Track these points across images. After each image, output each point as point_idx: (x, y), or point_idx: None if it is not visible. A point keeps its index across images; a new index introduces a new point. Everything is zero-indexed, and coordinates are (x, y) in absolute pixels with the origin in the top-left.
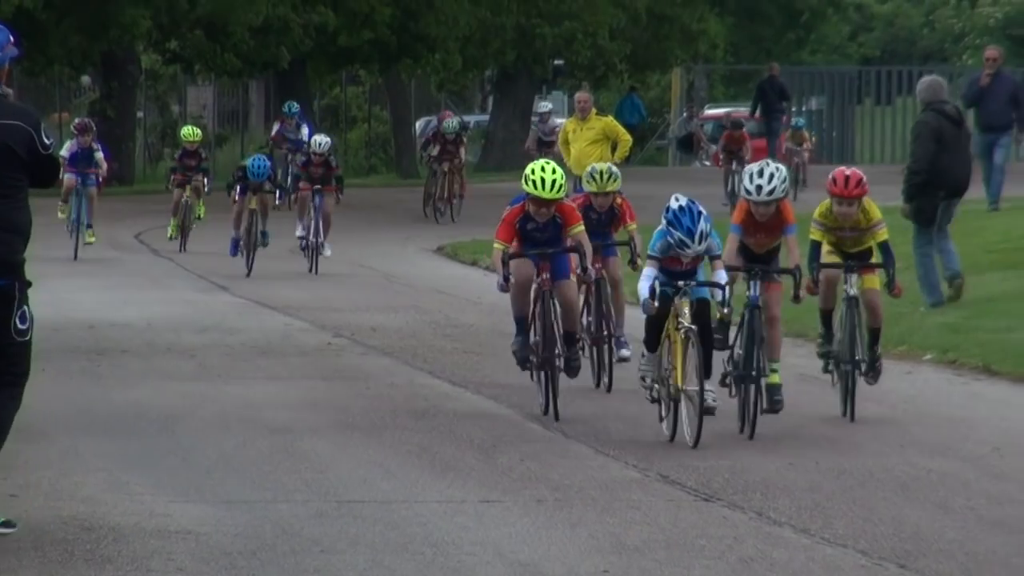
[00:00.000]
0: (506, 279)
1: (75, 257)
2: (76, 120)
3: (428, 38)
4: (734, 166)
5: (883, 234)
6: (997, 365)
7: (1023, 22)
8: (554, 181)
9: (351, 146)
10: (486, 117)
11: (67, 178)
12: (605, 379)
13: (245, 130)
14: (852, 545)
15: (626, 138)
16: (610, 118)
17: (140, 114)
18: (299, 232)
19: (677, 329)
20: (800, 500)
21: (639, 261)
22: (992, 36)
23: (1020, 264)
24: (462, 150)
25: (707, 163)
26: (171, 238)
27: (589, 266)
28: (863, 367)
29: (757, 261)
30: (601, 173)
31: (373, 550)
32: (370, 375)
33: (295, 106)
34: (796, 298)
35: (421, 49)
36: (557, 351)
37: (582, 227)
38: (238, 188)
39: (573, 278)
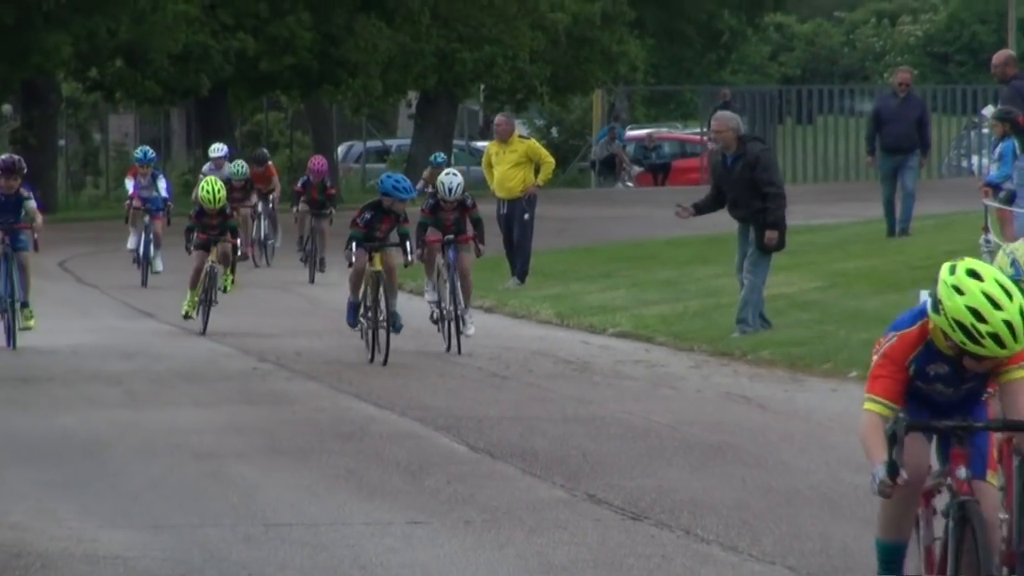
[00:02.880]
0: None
1: (11, 345)
2: None
3: (349, 63)
4: None
5: None
6: None
7: (943, 40)
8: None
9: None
10: (407, 141)
11: None
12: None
13: (167, 158)
14: (780, 562)
15: (548, 160)
16: (532, 141)
17: (61, 142)
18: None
19: None
20: (728, 518)
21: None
22: (913, 54)
23: None
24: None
25: (630, 184)
26: (187, 316)
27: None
28: None
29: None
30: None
31: (301, 573)
32: (296, 399)
33: (149, 152)
34: None
35: (342, 74)
36: None
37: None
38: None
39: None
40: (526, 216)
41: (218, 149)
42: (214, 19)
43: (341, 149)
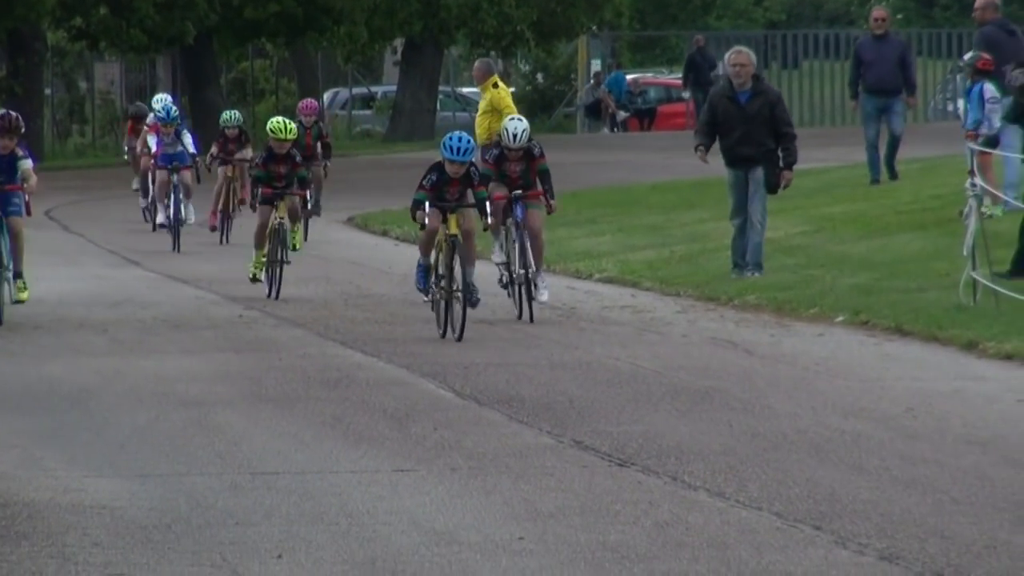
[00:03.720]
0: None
1: None
2: None
3: (334, 10)
4: None
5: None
6: (909, 325)
7: None
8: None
9: (259, 118)
10: (393, 87)
11: None
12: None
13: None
14: (767, 508)
15: (509, 111)
16: (500, 90)
17: (47, 91)
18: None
19: None
20: (714, 464)
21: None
22: None
23: (929, 225)
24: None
25: (616, 130)
26: (255, 278)
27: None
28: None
29: None
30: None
31: (288, 521)
32: (282, 347)
33: (173, 110)
34: None
35: (327, 21)
36: None
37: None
38: None
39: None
40: None
41: (160, 100)
42: None
43: (327, 96)
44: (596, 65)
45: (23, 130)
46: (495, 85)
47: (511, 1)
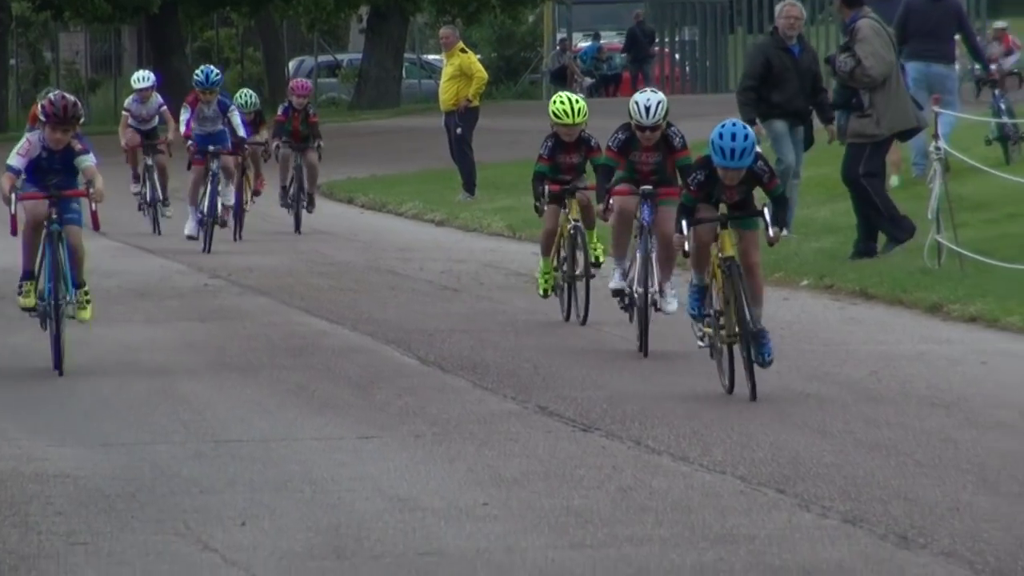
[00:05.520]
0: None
1: (57, 368)
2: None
3: None
4: None
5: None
6: (873, 289)
7: None
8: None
9: (225, 87)
10: (359, 55)
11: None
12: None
13: (119, 75)
14: (731, 471)
15: (480, 75)
16: (468, 55)
17: (12, 61)
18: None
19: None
20: (678, 428)
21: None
22: None
23: (894, 188)
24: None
25: (582, 96)
26: (545, 295)
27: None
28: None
29: None
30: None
31: (251, 489)
32: (247, 315)
33: (213, 72)
34: None
35: None
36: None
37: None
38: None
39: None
40: (458, 130)
41: (143, 79)
42: None
43: (292, 64)
44: (563, 32)
45: (82, 119)
46: (463, 50)
47: None
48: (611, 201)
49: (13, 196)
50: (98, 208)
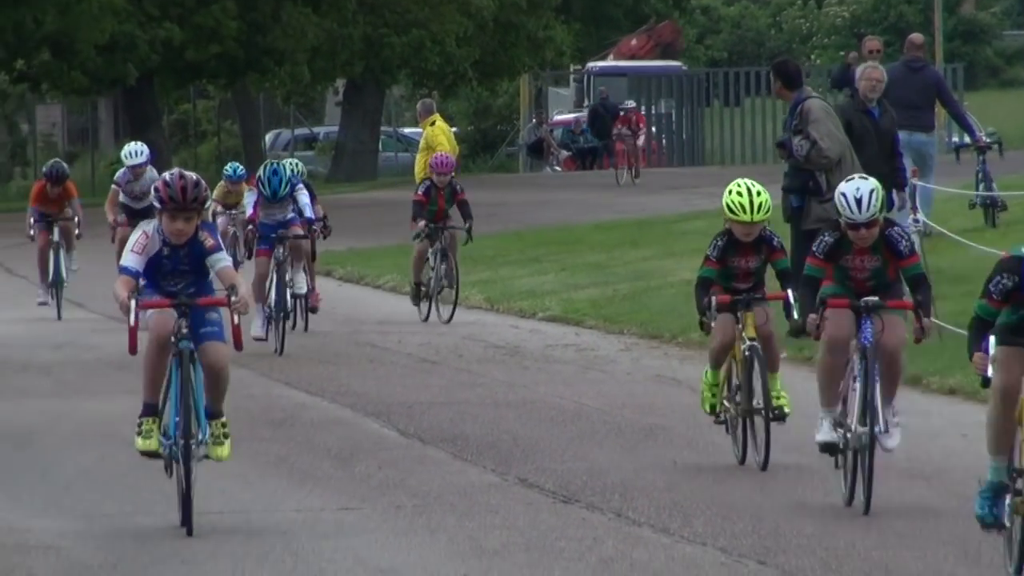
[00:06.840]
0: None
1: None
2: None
3: (276, 51)
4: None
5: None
6: None
7: (870, 20)
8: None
9: (201, 160)
10: (335, 128)
11: None
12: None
13: (96, 148)
14: (712, 543)
15: (441, 148)
16: (436, 127)
17: None
18: None
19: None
20: (659, 500)
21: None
22: (840, 35)
23: None
24: None
25: (557, 168)
26: (713, 411)
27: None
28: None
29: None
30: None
31: (233, 560)
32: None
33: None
34: None
35: (269, 63)
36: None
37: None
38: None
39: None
40: None
41: (136, 154)
42: (140, 9)
43: (269, 137)
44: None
45: (208, 203)
46: (432, 123)
47: (453, 40)
48: (826, 315)
49: (133, 304)
50: (241, 322)
